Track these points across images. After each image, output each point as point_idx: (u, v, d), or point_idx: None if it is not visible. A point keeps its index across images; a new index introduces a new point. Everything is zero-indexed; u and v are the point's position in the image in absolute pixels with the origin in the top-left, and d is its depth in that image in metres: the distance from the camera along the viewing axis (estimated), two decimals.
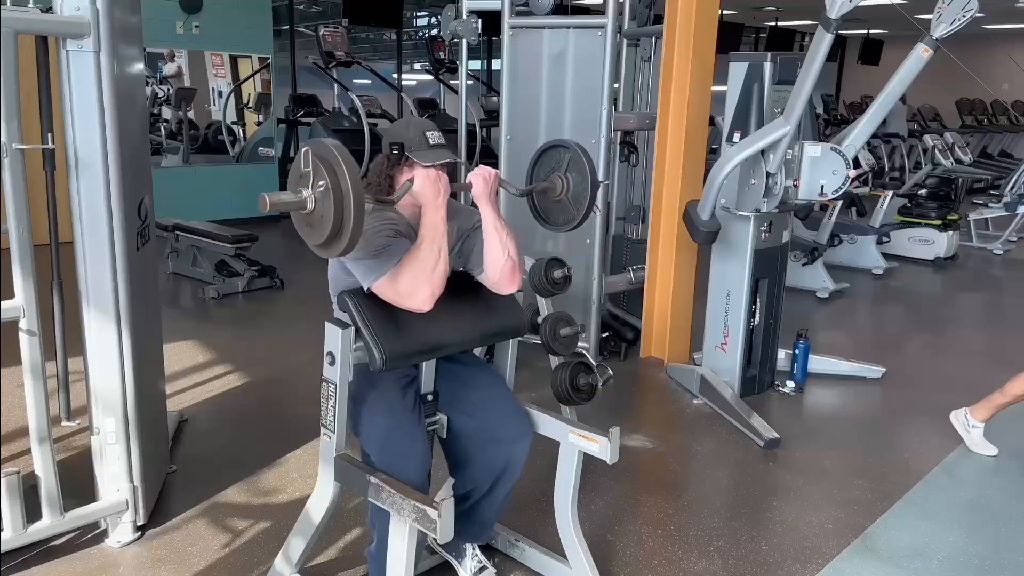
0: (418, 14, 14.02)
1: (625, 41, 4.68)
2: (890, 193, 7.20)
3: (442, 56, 9.55)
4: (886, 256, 6.97)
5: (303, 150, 1.72)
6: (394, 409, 2.05)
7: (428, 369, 2.18)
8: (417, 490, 1.92)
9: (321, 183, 1.66)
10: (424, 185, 1.93)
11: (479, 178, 2.04)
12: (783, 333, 4.12)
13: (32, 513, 2.36)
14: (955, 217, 7.36)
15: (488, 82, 10.74)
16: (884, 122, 5.86)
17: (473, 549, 2.35)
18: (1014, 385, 3.29)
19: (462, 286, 2.16)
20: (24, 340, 2.24)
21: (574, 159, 2.13)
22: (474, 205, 2.08)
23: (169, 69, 7.94)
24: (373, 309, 1.96)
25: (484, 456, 2.18)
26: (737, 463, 3.31)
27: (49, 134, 2.23)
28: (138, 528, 2.58)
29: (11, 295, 2.20)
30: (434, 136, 2.00)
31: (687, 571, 2.52)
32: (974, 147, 12.21)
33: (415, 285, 1.91)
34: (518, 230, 2.13)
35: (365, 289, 1.96)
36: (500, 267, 2.05)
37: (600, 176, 4.25)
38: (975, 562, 2.60)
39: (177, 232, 5.96)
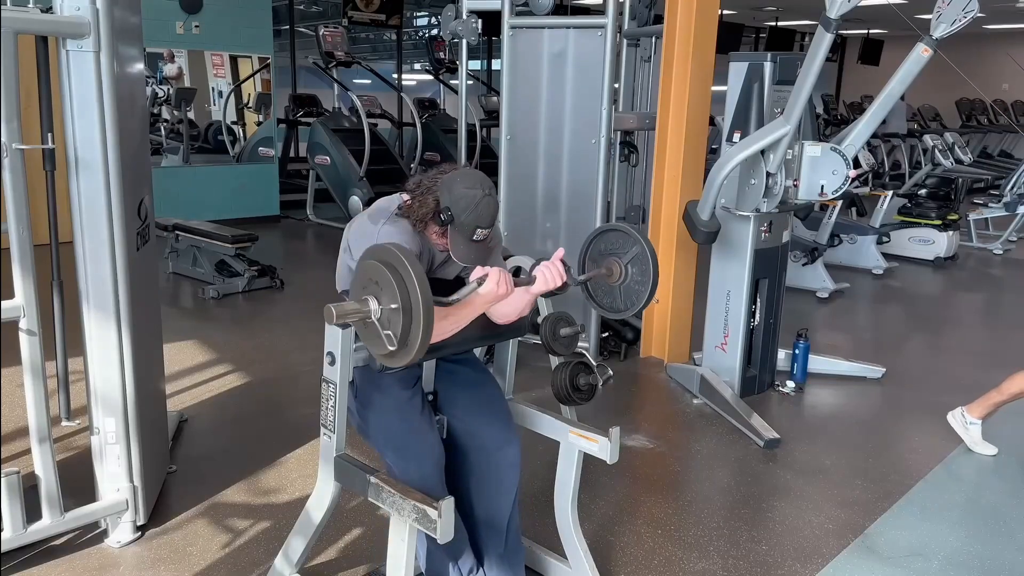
0: (418, 14, 14.02)
1: (625, 41, 4.68)
2: (890, 193, 7.20)
3: (442, 56, 9.56)
4: (886, 256, 6.97)
5: (366, 260, 1.68)
6: (404, 411, 2.05)
7: (428, 369, 2.18)
8: (435, 489, 1.93)
9: (389, 294, 1.62)
10: (489, 293, 1.88)
11: (543, 283, 1.99)
12: (783, 333, 4.12)
13: (32, 513, 2.36)
14: (955, 217, 7.36)
15: (488, 82, 10.74)
16: (884, 122, 5.86)
17: None
18: (1011, 383, 3.29)
19: (461, 287, 2.16)
20: (24, 340, 2.24)
21: (640, 256, 2.08)
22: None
23: (169, 70, 7.95)
24: None
25: (473, 461, 2.17)
26: (737, 463, 3.31)
27: (49, 134, 2.23)
28: (138, 528, 2.59)
29: (11, 295, 2.21)
30: (481, 234, 1.92)
31: (687, 571, 2.52)
32: (974, 147, 12.21)
33: None
34: (519, 228, 2.13)
35: None
36: (505, 321, 2.11)
37: (600, 176, 4.25)
38: (975, 562, 2.60)
39: (177, 232, 5.96)
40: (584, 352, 2.40)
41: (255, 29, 8.14)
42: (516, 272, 2.31)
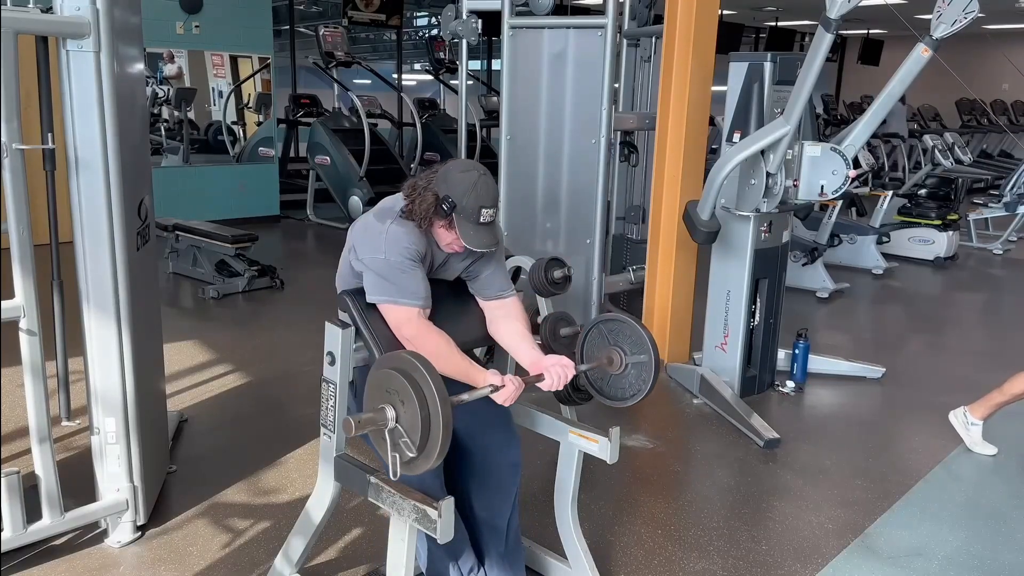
0: (418, 14, 14.02)
1: (625, 41, 4.68)
2: (890, 193, 7.20)
3: (442, 56, 9.56)
4: (886, 256, 6.97)
5: (386, 370, 1.67)
6: None
7: None
8: (434, 490, 1.93)
9: (409, 405, 1.61)
10: (504, 395, 1.91)
11: (550, 381, 2.02)
12: (783, 333, 4.12)
13: (32, 513, 2.36)
14: (955, 217, 7.36)
15: (488, 82, 10.74)
16: (884, 122, 5.86)
17: None
18: (1013, 384, 3.29)
19: (463, 288, 2.17)
20: (24, 340, 2.24)
21: (645, 365, 2.11)
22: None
23: (170, 70, 7.95)
24: (373, 309, 1.96)
25: (474, 461, 2.17)
26: (737, 463, 3.31)
27: (49, 134, 2.23)
28: (138, 528, 2.58)
29: (11, 295, 2.21)
30: (487, 215, 1.90)
31: (687, 571, 2.52)
32: (974, 147, 12.21)
33: (414, 346, 1.89)
34: (519, 228, 2.13)
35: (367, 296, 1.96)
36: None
37: (600, 176, 4.25)
38: (975, 562, 2.60)
39: (177, 232, 5.96)
40: None
41: (255, 29, 8.14)
42: (515, 275, 2.31)
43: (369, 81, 10.57)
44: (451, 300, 2.14)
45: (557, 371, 2.02)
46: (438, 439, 1.60)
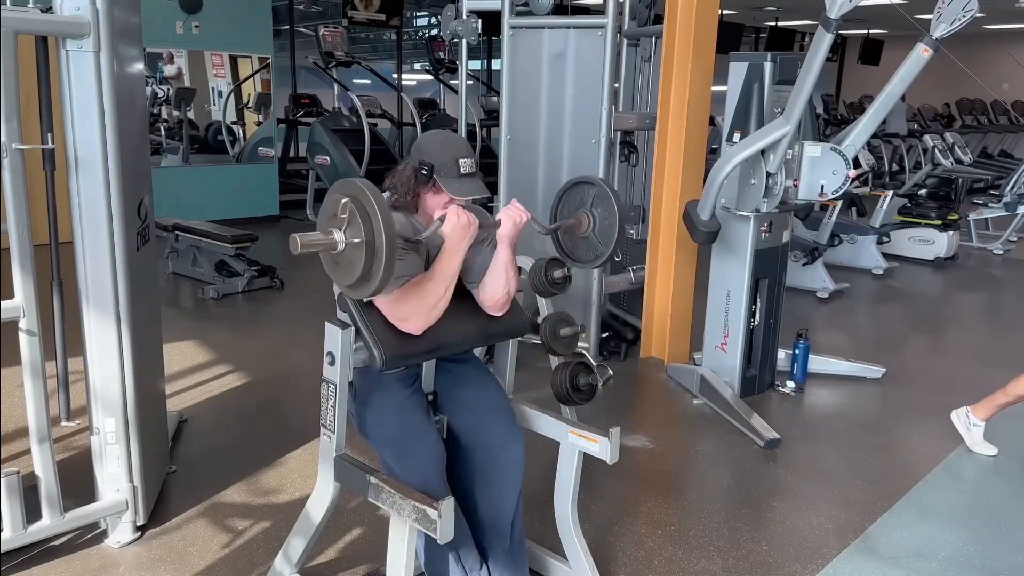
0: (418, 14, 14.02)
1: (625, 41, 4.68)
2: (890, 193, 7.20)
3: (442, 56, 9.56)
4: (886, 256, 6.97)
5: (333, 194, 1.71)
6: (403, 411, 2.05)
7: (428, 369, 2.18)
8: (437, 489, 1.93)
9: (354, 228, 1.66)
10: (453, 228, 1.91)
11: (510, 221, 2.04)
12: (783, 333, 4.12)
13: (32, 513, 2.36)
14: (955, 217, 7.36)
15: (488, 82, 10.74)
16: (884, 122, 5.86)
17: None
18: (1017, 385, 3.28)
19: (462, 288, 2.17)
20: (24, 340, 2.24)
21: (599, 194, 2.14)
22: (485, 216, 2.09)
23: (170, 70, 7.94)
24: (373, 310, 1.96)
25: (477, 459, 2.17)
26: (737, 463, 3.31)
27: (49, 134, 2.23)
28: (138, 528, 2.58)
29: (11, 295, 2.21)
30: (466, 164, 1.95)
31: (687, 571, 2.52)
32: (974, 147, 12.21)
33: (411, 315, 1.93)
34: (523, 232, 2.13)
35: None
36: (495, 299, 2.10)
37: (600, 173, 4.25)
38: (975, 562, 2.60)
39: (177, 232, 5.96)
40: (584, 352, 2.40)
41: (255, 29, 8.14)
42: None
43: (369, 81, 10.57)
44: (451, 301, 2.13)
45: (510, 212, 2.05)
46: (381, 264, 1.64)
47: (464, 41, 4.70)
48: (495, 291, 2.09)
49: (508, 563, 2.18)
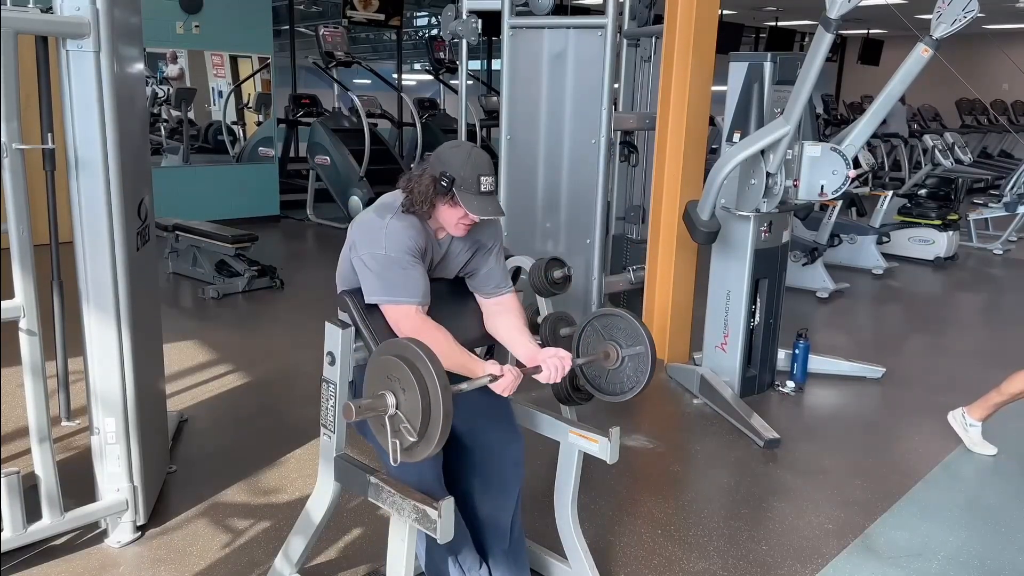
0: (418, 14, 14.02)
1: (625, 41, 4.68)
2: (890, 193, 7.20)
3: (442, 56, 9.56)
4: (886, 256, 6.97)
5: (387, 356, 1.67)
6: None
7: None
8: (435, 489, 1.93)
9: (407, 392, 1.62)
10: (502, 385, 1.92)
11: (548, 374, 2.02)
12: (783, 333, 4.12)
13: (32, 513, 2.36)
14: (955, 217, 7.36)
15: (488, 82, 10.74)
16: (884, 122, 5.85)
17: None
18: (1011, 384, 3.29)
19: (463, 287, 2.17)
20: (24, 340, 2.24)
21: (642, 356, 2.11)
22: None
23: (171, 70, 7.95)
24: (373, 309, 1.96)
25: (477, 459, 2.17)
26: (737, 463, 3.31)
27: (49, 134, 2.23)
28: (138, 528, 2.59)
29: (11, 295, 2.21)
30: (487, 183, 1.92)
31: (687, 571, 2.52)
32: (974, 147, 12.21)
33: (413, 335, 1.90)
34: (519, 228, 2.13)
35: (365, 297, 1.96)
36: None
37: (600, 176, 4.25)
38: (975, 562, 2.60)
39: (177, 232, 5.96)
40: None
41: (255, 29, 8.14)
42: (515, 275, 2.31)
43: (369, 81, 10.57)
44: (451, 299, 2.14)
45: (554, 362, 2.02)
46: (438, 425, 1.60)
47: (464, 41, 4.70)
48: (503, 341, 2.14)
49: (508, 563, 2.18)
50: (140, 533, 2.59)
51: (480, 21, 4.60)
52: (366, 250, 1.93)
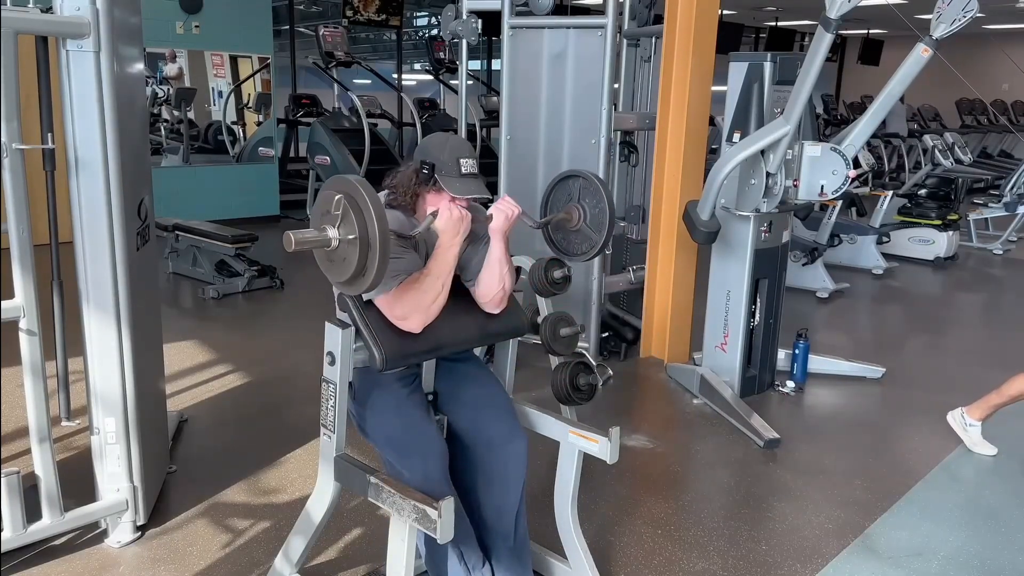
0: (418, 14, 14.02)
1: (625, 41, 4.68)
2: (890, 193, 7.20)
3: (442, 56, 9.56)
4: (886, 256, 6.97)
5: (327, 190, 1.71)
6: (403, 409, 2.05)
7: (428, 368, 2.18)
8: (440, 487, 1.94)
9: (347, 223, 1.66)
10: (447, 223, 1.93)
11: (501, 215, 2.06)
12: (783, 333, 4.12)
13: (32, 513, 2.36)
14: (955, 217, 7.36)
15: (488, 82, 10.74)
16: (884, 122, 5.85)
17: None
18: (1011, 386, 3.29)
19: (462, 287, 2.17)
20: (24, 340, 2.24)
21: (585, 186, 2.16)
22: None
23: (170, 70, 7.95)
24: (373, 309, 1.97)
25: (480, 456, 2.17)
26: (737, 463, 3.31)
27: (49, 134, 2.23)
28: (138, 528, 2.59)
29: (11, 295, 2.21)
30: (467, 164, 1.96)
31: (687, 571, 2.52)
32: (974, 147, 12.21)
33: (411, 312, 1.94)
34: (519, 228, 2.14)
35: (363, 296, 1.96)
36: (491, 295, 2.11)
37: (600, 174, 4.25)
38: (975, 562, 2.60)
39: (177, 232, 5.96)
40: (584, 352, 2.40)
41: (255, 29, 8.14)
42: (515, 274, 2.30)
43: (369, 81, 10.57)
44: (451, 301, 2.13)
45: (501, 206, 2.06)
46: (375, 259, 1.65)
47: (464, 41, 4.70)
48: (490, 286, 2.10)
49: (512, 561, 2.18)
50: (140, 533, 2.59)
51: (480, 21, 4.60)
52: None
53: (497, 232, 2.06)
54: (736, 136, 3.67)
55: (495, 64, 11.79)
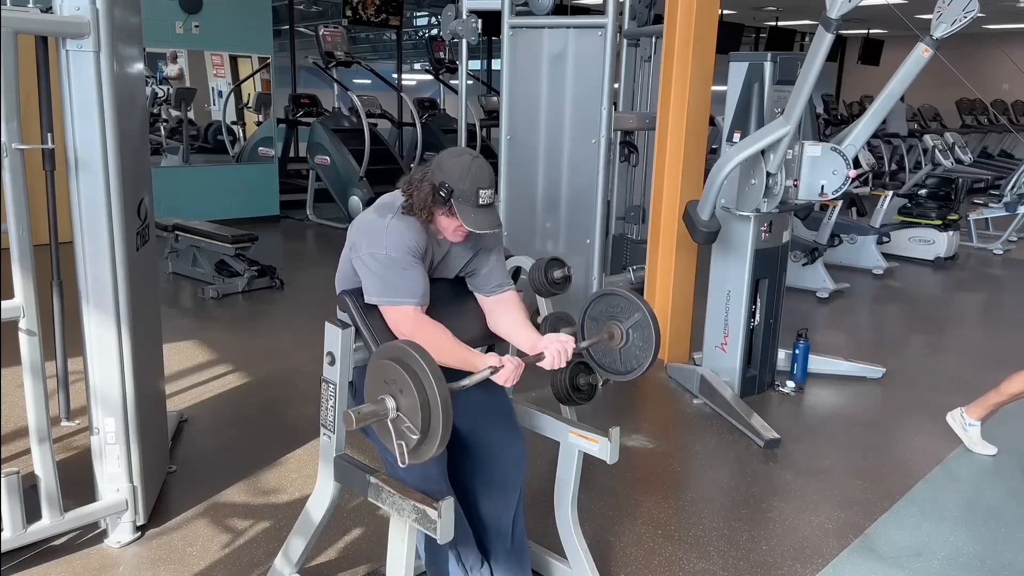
0: (418, 14, 14.02)
1: (625, 41, 4.68)
2: (890, 193, 7.20)
3: (442, 56, 9.56)
4: (886, 256, 6.97)
5: (383, 361, 1.67)
6: None
7: None
8: (439, 487, 1.93)
9: (406, 393, 1.62)
10: (504, 375, 1.91)
11: (551, 360, 2.01)
12: (783, 333, 4.12)
13: (32, 513, 2.36)
14: (955, 217, 7.36)
15: (488, 82, 10.74)
16: (884, 122, 5.85)
17: None
18: (1010, 384, 3.29)
19: (463, 287, 2.17)
20: (24, 340, 2.24)
21: (641, 322, 2.10)
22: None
23: (171, 70, 7.95)
24: (373, 309, 1.97)
25: (478, 458, 2.17)
26: (737, 463, 3.31)
27: (49, 134, 2.23)
28: (138, 528, 2.58)
29: (11, 295, 2.21)
30: (485, 196, 1.91)
31: (687, 571, 2.52)
32: (974, 147, 12.21)
33: (411, 334, 1.90)
34: (519, 228, 2.14)
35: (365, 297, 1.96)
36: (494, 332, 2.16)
37: (600, 176, 4.25)
38: (975, 562, 2.60)
39: (177, 232, 5.96)
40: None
41: (255, 29, 8.14)
42: (515, 275, 2.31)
43: (369, 81, 10.57)
44: (451, 299, 2.14)
45: (556, 347, 2.02)
46: (439, 420, 1.60)
47: (464, 41, 4.70)
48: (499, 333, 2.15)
49: (510, 562, 2.18)
50: (140, 533, 2.59)
51: (480, 21, 4.61)
52: (366, 250, 1.94)
53: (542, 365, 2.04)
54: (736, 136, 3.67)
55: (495, 64, 11.79)
